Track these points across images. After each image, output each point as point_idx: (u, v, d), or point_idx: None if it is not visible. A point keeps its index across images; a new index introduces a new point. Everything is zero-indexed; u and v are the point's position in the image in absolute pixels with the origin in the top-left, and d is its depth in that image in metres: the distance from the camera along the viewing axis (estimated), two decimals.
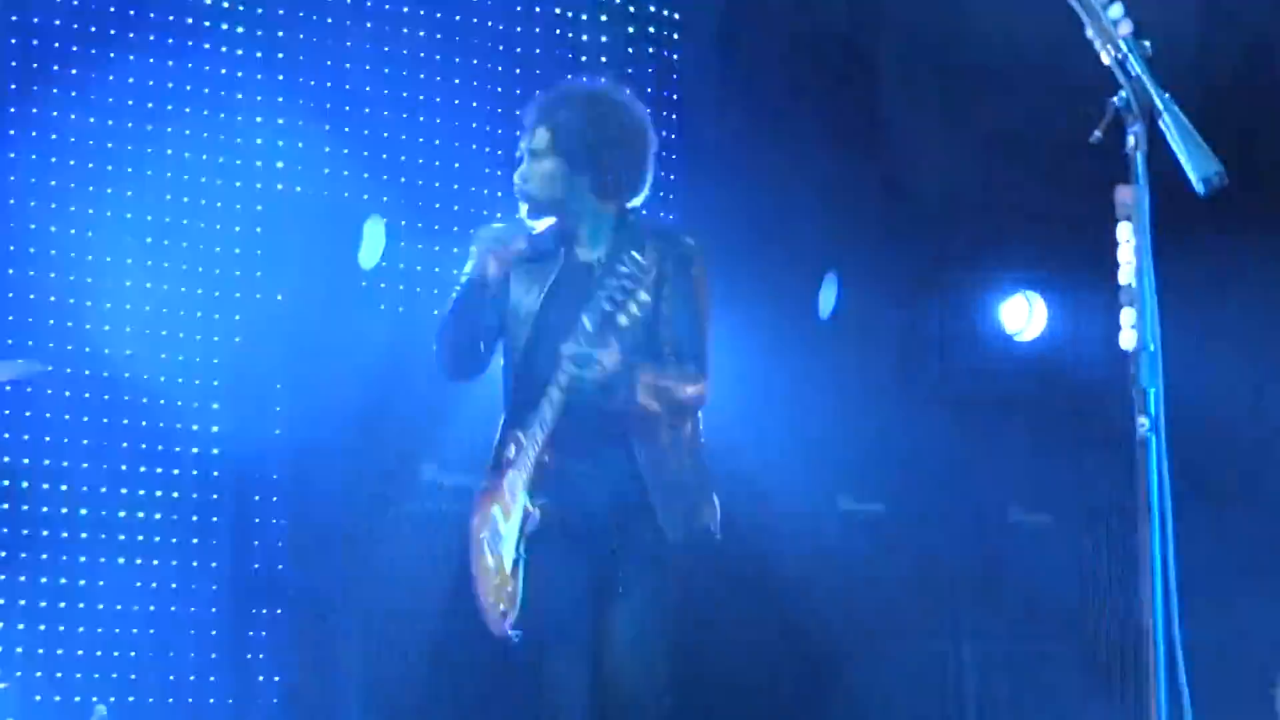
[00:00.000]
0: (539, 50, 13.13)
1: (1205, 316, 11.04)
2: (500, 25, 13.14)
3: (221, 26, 12.30)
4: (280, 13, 12.37)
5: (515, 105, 9.58)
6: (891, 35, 13.00)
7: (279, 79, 12.28)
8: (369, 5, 12.72)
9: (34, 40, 11.83)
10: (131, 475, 11.93)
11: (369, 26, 12.69)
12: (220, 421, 12.06)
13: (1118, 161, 4.84)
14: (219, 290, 12.18)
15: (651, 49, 13.44)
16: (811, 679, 12.42)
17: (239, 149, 12.19)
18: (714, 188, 12.71)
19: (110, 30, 11.99)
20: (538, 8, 13.21)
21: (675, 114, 13.34)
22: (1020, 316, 13.49)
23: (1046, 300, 13.45)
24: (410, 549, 11.02)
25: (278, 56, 12.39)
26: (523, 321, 8.16)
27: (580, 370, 7.64)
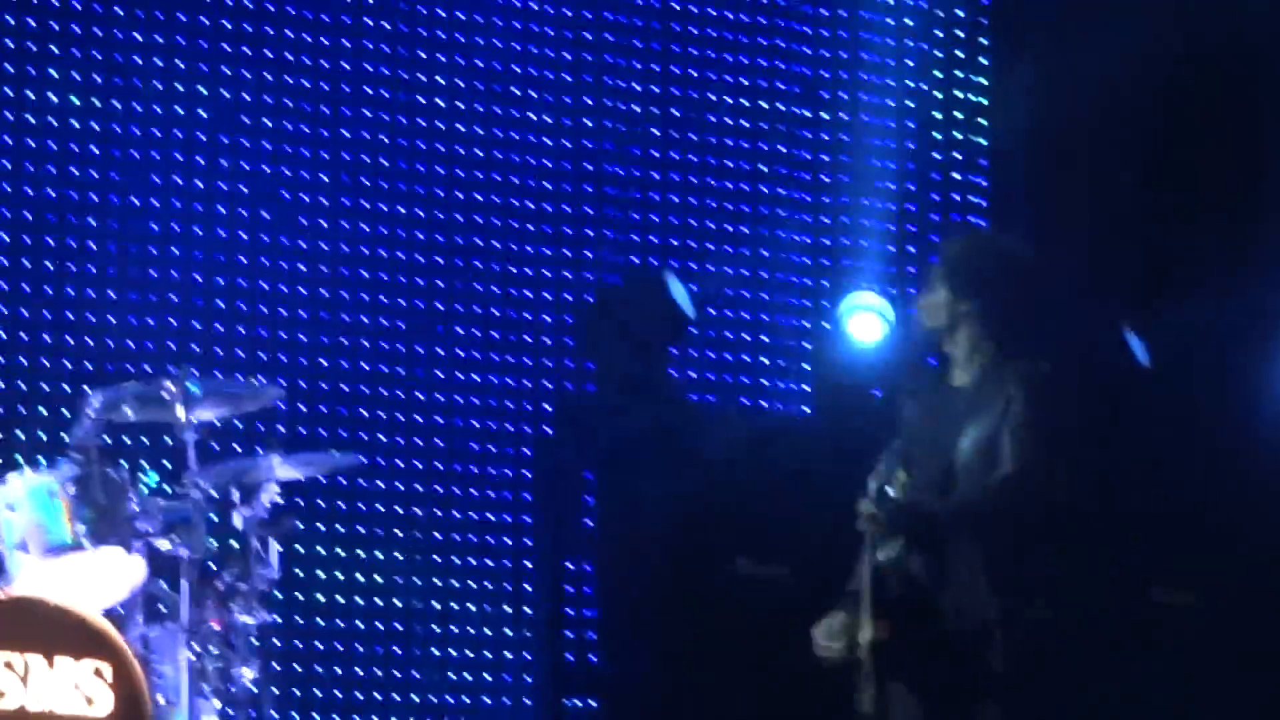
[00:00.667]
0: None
1: None
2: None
3: None
4: None
5: None
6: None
7: None
8: None
9: None
10: (443, 567, 12.07)
11: None
12: (532, 513, 12.18)
13: None
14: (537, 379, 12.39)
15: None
16: None
17: None
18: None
19: None
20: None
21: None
22: None
23: None
24: (718, 639, 10.89)
25: None
26: (898, 452, 8.28)
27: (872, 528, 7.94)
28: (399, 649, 11.95)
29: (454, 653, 12.06)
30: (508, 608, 12.16)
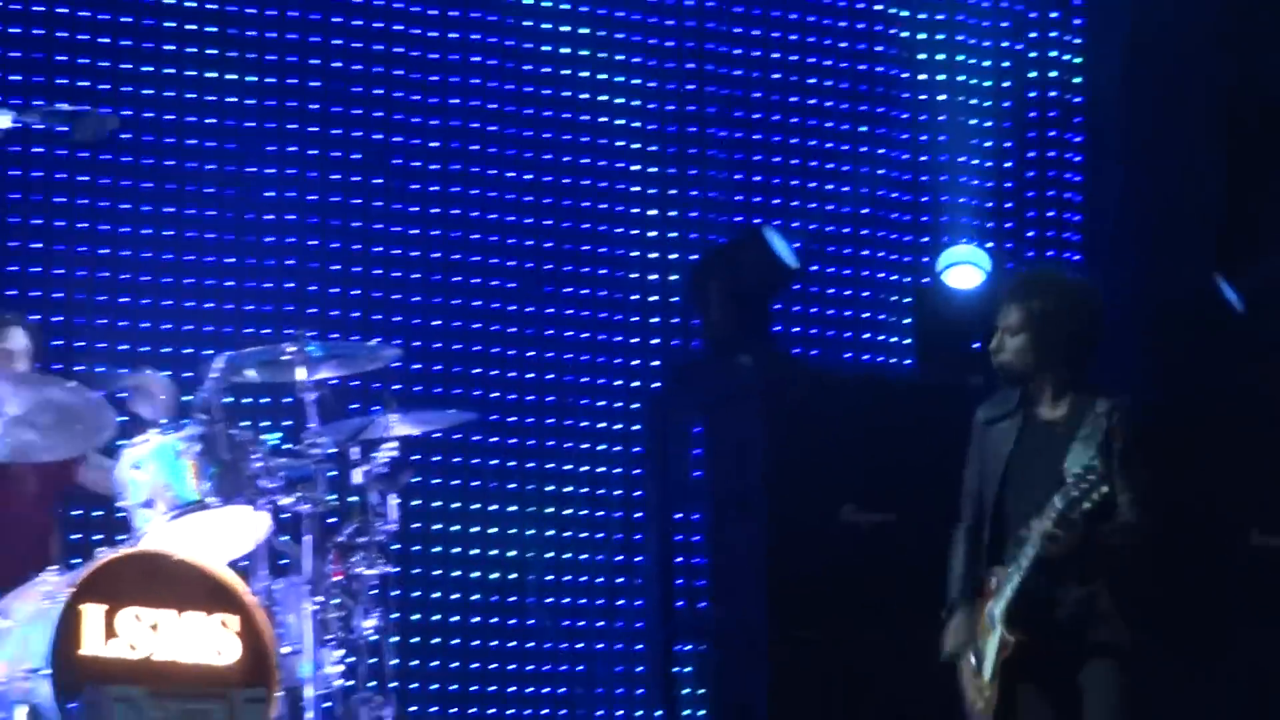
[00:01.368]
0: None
1: None
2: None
3: None
4: None
5: None
6: None
7: None
8: None
9: None
10: (555, 518, 12.20)
11: None
12: (642, 465, 12.25)
13: None
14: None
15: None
16: None
17: None
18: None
19: None
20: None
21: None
22: None
23: None
24: (824, 585, 10.92)
25: None
26: (991, 478, 8.57)
27: (1047, 545, 8.02)
28: (514, 598, 12.03)
29: (567, 600, 12.17)
30: (619, 557, 12.28)
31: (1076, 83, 13.54)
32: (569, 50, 12.57)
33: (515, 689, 12.01)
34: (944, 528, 8.54)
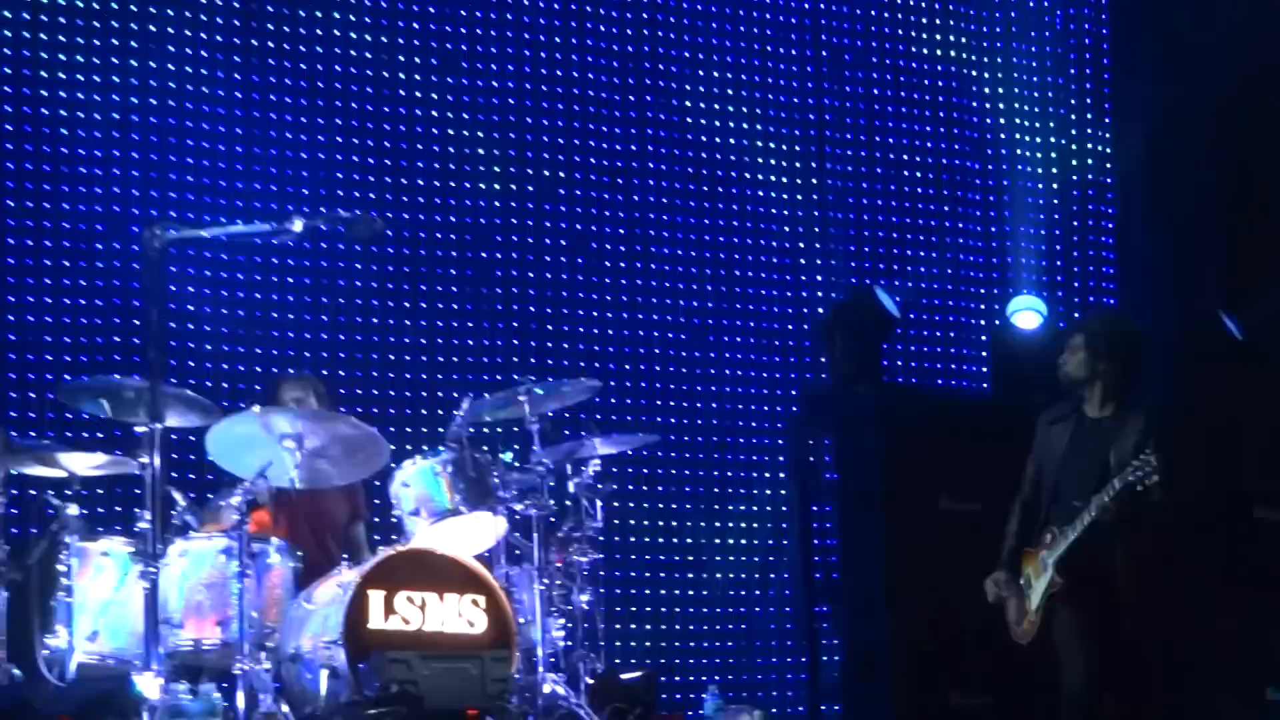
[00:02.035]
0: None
1: None
2: None
3: None
4: None
5: None
6: None
7: None
8: None
9: None
10: (721, 514, 12.13)
11: None
12: (786, 470, 12.16)
13: None
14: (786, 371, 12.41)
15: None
16: None
17: None
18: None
19: None
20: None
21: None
22: None
23: None
24: (928, 560, 10.89)
25: None
26: (1050, 470, 8.96)
27: (1101, 514, 8.47)
28: (690, 575, 11.99)
29: (731, 575, 12.13)
30: (771, 541, 12.21)
31: (1108, 166, 13.38)
32: (731, 146, 12.44)
33: (694, 644, 11.94)
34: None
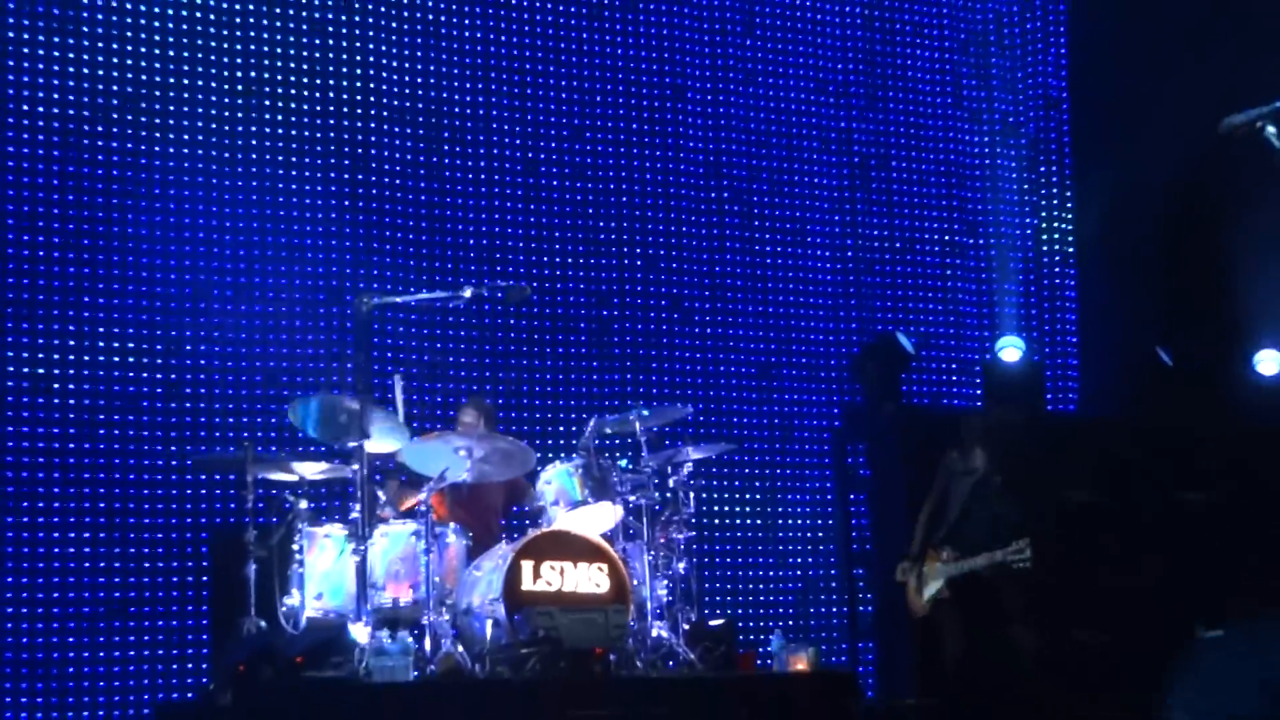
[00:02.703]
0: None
1: None
2: None
3: None
4: None
5: None
6: None
7: None
8: None
9: None
10: (780, 502, 12.08)
11: None
12: (830, 470, 12.03)
13: None
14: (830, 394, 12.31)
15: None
16: None
17: None
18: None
19: None
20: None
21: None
22: None
23: None
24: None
25: None
26: (954, 506, 9.37)
27: (986, 568, 9.02)
28: (759, 547, 11.87)
29: (789, 547, 12.01)
30: (819, 521, 12.12)
31: (1070, 238, 13.24)
32: (786, 226, 12.36)
33: (763, 598, 11.86)
34: None
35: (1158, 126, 11.89)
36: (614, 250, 11.76)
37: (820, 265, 12.43)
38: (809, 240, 12.42)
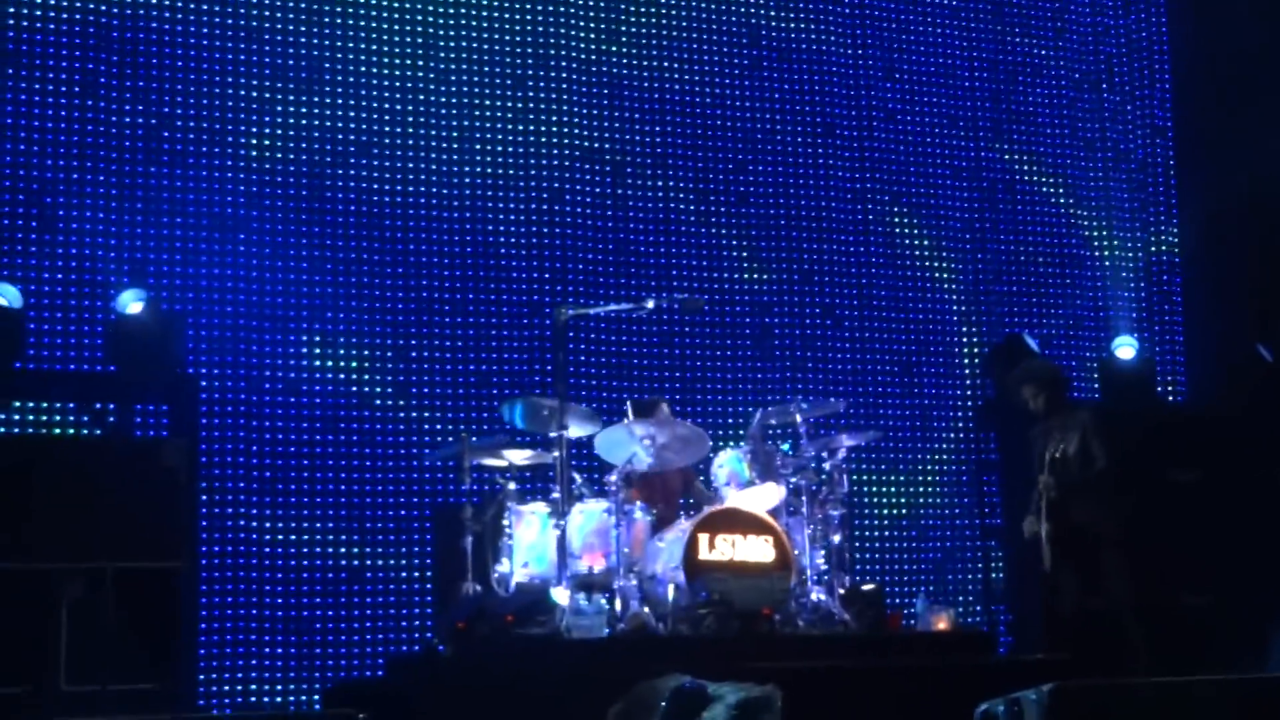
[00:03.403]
0: None
1: None
2: None
3: None
4: None
5: None
6: None
7: None
8: None
9: None
10: (924, 483, 11.85)
11: None
12: (968, 453, 11.86)
13: None
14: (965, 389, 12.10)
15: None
16: None
17: None
18: None
19: None
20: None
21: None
22: None
23: None
24: None
25: None
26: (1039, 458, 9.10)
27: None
28: (904, 522, 11.68)
29: (932, 521, 11.78)
30: (957, 498, 11.86)
31: (1177, 246, 12.86)
32: (918, 239, 12.13)
33: (909, 566, 11.68)
34: None
35: (1252, 146, 11.57)
36: (774, 265, 11.68)
37: (955, 277, 12.22)
38: (944, 256, 12.21)
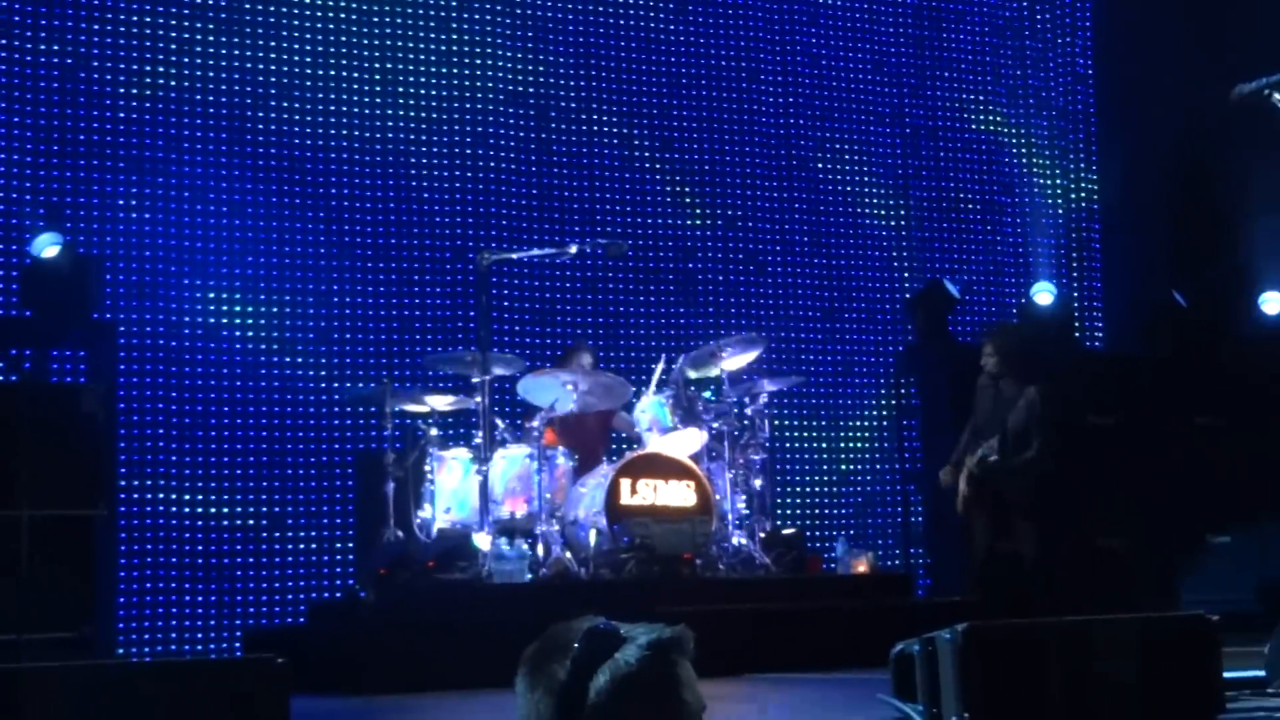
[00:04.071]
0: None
1: None
2: None
3: None
4: None
5: None
6: None
7: None
8: None
9: None
10: (845, 426, 11.95)
11: None
12: (887, 395, 12.02)
13: None
14: (888, 335, 12.24)
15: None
16: None
17: None
18: None
19: None
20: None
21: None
22: None
23: None
24: None
25: None
26: (979, 416, 9.15)
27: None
28: (825, 466, 11.70)
29: (852, 465, 11.81)
30: (877, 443, 11.91)
31: (1095, 194, 12.99)
32: (849, 190, 12.24)
33: (829, 510, 11.72)
34: None
35: (1172, 97, 11.72)
36: (697, 211, 11.68)
37: (876, 223, 12.25)
38: (867, 201, 12.23)
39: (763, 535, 9.00)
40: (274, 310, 10.26)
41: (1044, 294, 11.94)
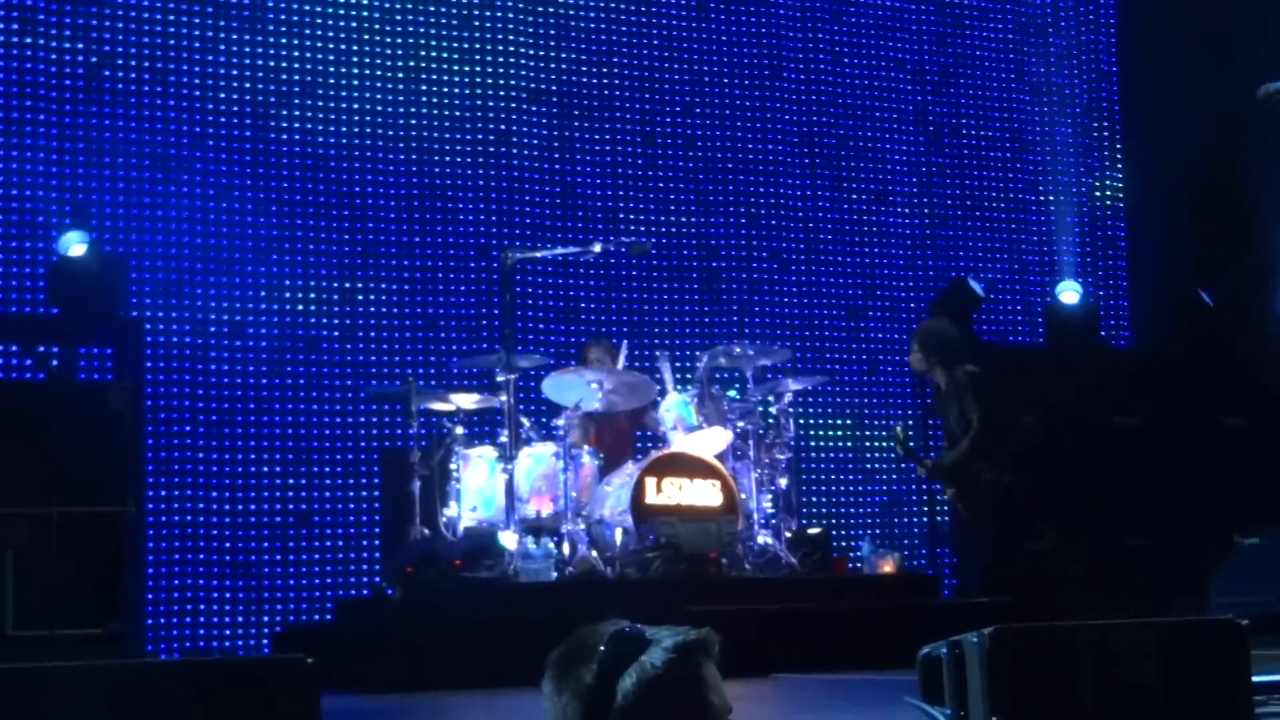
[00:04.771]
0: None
1: None
2: None
3: None
4: None
5: None
6: None
7: None
8: None
9: None
10: (869, 425, 11.88)
11: None
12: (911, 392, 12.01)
13: None
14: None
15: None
16: None
17: None
18: None
19: None
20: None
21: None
22: None
23: None
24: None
25: None
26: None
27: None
28: (850, 465, 11.70)
29: (878, 465, 11.80)
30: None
31: (1121, 193, 12.93)
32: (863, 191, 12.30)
33: (854, 509, 11.71)
34: None
35: (1197, 95, 11.61)
36: (721, 209, 11.67)
37: (901, 221, 12.21)
38: (891, 200, 12.20)
39: (788, 535, 8.98)
40: (299, 308, 10.30)
41: (1070, 292, 11.89)
